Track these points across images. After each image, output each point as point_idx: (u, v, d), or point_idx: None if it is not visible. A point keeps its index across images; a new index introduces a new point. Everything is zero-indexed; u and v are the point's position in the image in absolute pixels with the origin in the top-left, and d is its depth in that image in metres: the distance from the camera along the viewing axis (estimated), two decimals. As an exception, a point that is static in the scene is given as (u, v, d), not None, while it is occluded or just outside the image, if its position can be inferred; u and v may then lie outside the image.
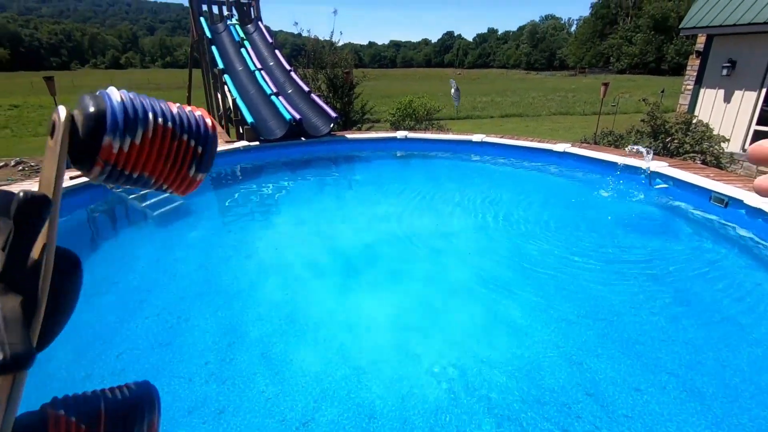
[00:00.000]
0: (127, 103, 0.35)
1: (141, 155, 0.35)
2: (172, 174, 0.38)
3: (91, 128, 0.33)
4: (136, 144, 0.35)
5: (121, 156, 0.35)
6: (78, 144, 0.33)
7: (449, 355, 2.76)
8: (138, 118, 0.35)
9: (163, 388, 2.46)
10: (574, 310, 3.20)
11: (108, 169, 0.35)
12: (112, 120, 0.33)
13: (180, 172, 0.39)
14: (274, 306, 3.31)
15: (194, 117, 0.39)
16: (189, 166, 0.39)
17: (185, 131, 0.38)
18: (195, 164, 0.39)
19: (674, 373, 2.54)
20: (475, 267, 3.97)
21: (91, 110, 0.33)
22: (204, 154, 0.39)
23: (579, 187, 6.29)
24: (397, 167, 7.96)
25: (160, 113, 0.36)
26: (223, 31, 10.39)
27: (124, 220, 5.14)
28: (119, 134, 0.34)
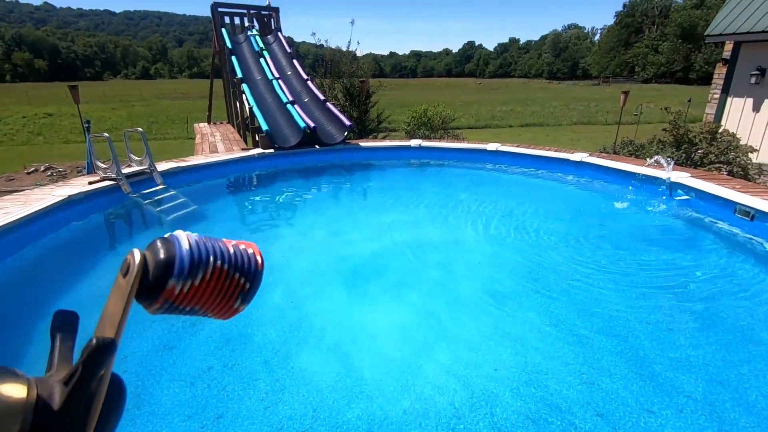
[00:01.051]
0: (194, 250, 0.37)
1: (197, 294, 0.38)
2: (219, 306, 0.41)
3: (161, 274, 0.36)
4: (195, 285, 0.38)
5: (181, 296, 0.37)
6: (146, 285, 0.36)
7: (454, 368, 2.69)
8: (201, 263, 0.37)
9: (164, 391, 2.48)
10: (586, 325, 3.08)
11: (167, 306, 0.38)
12: (180, 267, 0.36)
13: (227, 305, 0.41)
14: (279, 313, 3.30)
15: (247, 256, 0.42)
16: (235, 300, 0.42)
17: (238, 270, 0.41)
18: (241, 298, 0.42)
19: (692, 395, 2.40)
20: (484, 278, 3.88)
21: (162, 257, 0.36)
22: (250, 290, 0.42)
23: (596, 198, 6.12)
24: (410, 176, 7.93)
25: (219, 256, 0.39)
26: (244, 42, 10.64)
27: (140, 224, 5.25)
28: (183, 279, 0.36)
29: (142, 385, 2.53)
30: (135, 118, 23.51)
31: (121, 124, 20.37)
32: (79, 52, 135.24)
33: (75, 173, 9.92)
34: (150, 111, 27.90)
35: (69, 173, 10.10)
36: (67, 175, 9.95)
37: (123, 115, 25.53)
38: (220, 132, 12.11)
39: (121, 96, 42.13)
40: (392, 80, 67.17)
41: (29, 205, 4.16)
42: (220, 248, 0.40)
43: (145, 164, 5.54)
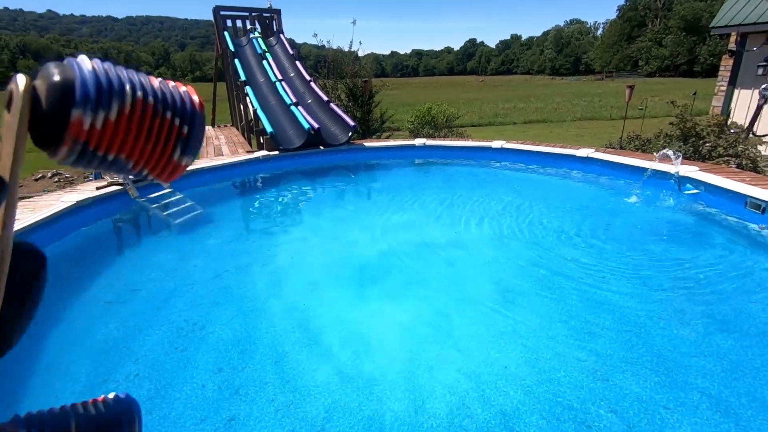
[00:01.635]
0: (100, 73, 0.29)
1: (117, 134, 0.30)
2: (154, 157, 0.33)
3: (57, 101, 0.28)
4: (111, 120, 0.29)
5: (94, 134, 0.29)
6: (41, 119, 0.28)
7: (464, 367, 2.67)
8: (113, 90, 0.29)
9: (176, 395, 2.48)
10: (597, 321, 3.06)
11: (78, 148, 0.29)
12: (83, 91, 0.28)
13: (163, 155, 0.33)
14: (288, 315, 3.30)
15: (179, 93, 0.34)
16: (173, 149, 0.34)
17: (168, 108, 0.32)
18: (180, 146, 0.34)
19: (707, 391, 2.37)
20: (492, 276, 3.87)
21: (56, 79, 0.28)
22: (190, 135, 0.34)
23: (603, 194, 6.08)
24: (415, 175, 7.91)
25: (139, 86, 0.31)
26: (246, 45, 10.66)
27: (147, 229, 5.28)
28: (91, 108, 0.28)
29: (154, 388, 2.53)
30: (139, 123, 23.71)
31: (125, 129, 20.51)
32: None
33: (82, 179, 9.99)
34: (154, 115, 28.09)
35: (76, 179, 10.17)
36: (74, 180, 10.02)
37: (127, 120, 25.73)
38: (224, 135, 12.15)
39: (125, 101, 42.38)
40: (394, 79, 67.17)
41: (38, 211, 4.20)
42: (140, 80, 0.31)
43: (152, 168, 5.55)
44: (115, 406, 0.37)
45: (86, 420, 0.34)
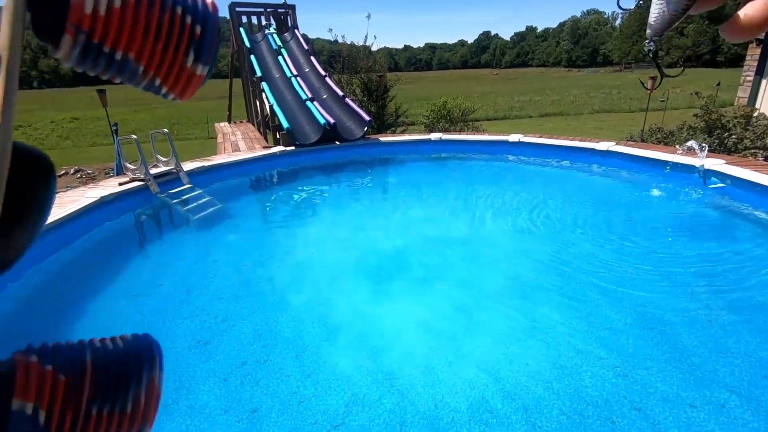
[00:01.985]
0: None
1: (123, 23, 0.28)
2: (166, 60, 0.30)
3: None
4: (116, 7, 0.27)
5: (98, 21, 0.27)
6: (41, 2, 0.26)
7: (484, 362, 2.67)
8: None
9: (201, 387, 2.54)
10: (619, 318, 3.01)
11: (81, 38, 0.27)
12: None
13: (175, 58, 0.31)
14: (308, 308, 3.33)
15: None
16: (186, 51, 0.31)
17: (179, 2, 0.30)
18: (193, 49, 0.31)
19: (735, 389, 2.32)
20: (511, 271, 3.84)
21: None
22: (203, 37, 0.31)
23: (624, 188, 5.96)
24: (432, 169, 7.88)
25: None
26: (262, 40, 10.72)
27: (167, 224, 5.38)
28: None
29: (179, 380, 2.59)
30: (158, 120, 24.05)
31: (144, 126, 20.86)
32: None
33: (103, 175, 10.22)
34: (171, 113, 28.50)
35: (97, 175, 10.41)
36: (95, 177, 10.25)
37: (146, 117, 26.16)
38: (240, 131, 12.27)
39: (142, 99, 43.10)
40: (407, 74, 66.75)
41: (64, 207, 4.31)
42: None
43: (172, 164, 5.66)
44: (134, 342, 0.34)
45: (103, 353, 0.32)
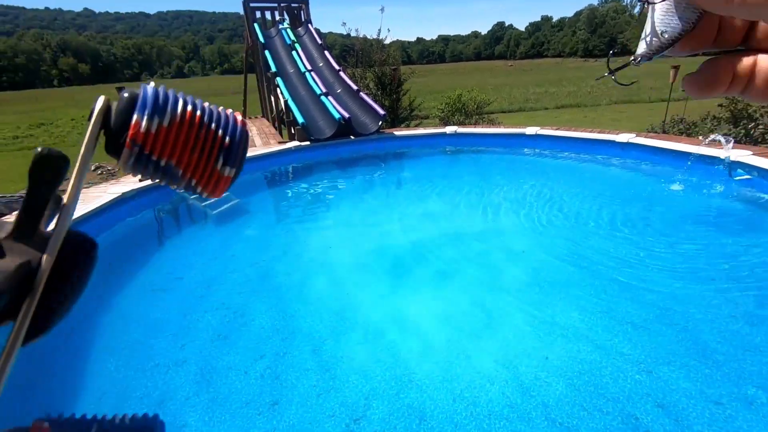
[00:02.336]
0: (160, 91, 0.36)
1: (168, 139, 0.36)
2: (200, 165, 0.38)
3: (123, 109, 0.35)
4: (164, 127, 0.36)
5: (149, 138, 0.35)
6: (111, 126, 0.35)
7: (502, 357, 2.65)
8: (167, 103, 0.36)
9: (222, 380, 2.58)
10: (640, 313, 2.96)
11: (136, 150, 0.35)
12: (143, 101, 0.35)
13: (208, 163, 0.38)
14: (325, 303, 3.36)
15: (224, 113, 0.40)
16: (216, 158, 0.39)
17: (213, 121, 0.38)
18: (223, 156, 0.39)
19: (763, 386, 2.27)
20: (529, 266, 3.80)
21: (126, 95, 0.35)
22: (231, 146, 0.39)
23: (646, 181, 5.83)
24: (447, 163, 7.82)
25: (190, 102, 0.37)
26: (276, 36, 10.75)
27: (187, 218, 5.47)
28: (148, 114, 0.35)
29: (200, 373, 2.64)
30: (173, 116, 24.43)
31: (161, 123, 21.19)
32: (118, 54, 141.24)
33: (123, 171, 10.42)
34: (187, 109, 28.83)
35: (117, 171, 10.62)
36: (115, 173, 10.46)
37: (162, 113, 26.54)
38: (255, 126, 12.36)
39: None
40: (420, 66, 66.20)
41: (88, 202, 4.41)
42: (193, 99, 0.39)
43: (189, 160, 5.73)
44: (142, 421, 0.39)
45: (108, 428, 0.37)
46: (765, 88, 0.29)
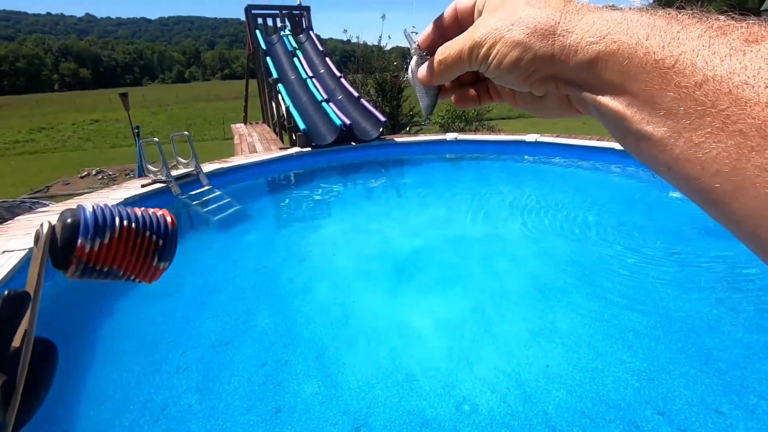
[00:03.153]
0: (98, 212, 0.41)
1: (109, 253, 0.41)
2: (138, 266, 0.44)
3: (68, 235, 0.40)
4: (105, 243, 0.41)
5: (92, 255, 0.40)
6: (57, 249, 0.40)
7: (504, 364, 2.66)
8: (106, 223, 0.41)
9: (224, 386, 2.59)
10: (642, 320, 2.97)
11: (81, 266, 0.40)
12: (84, 226, 0.40)
13: (144, 263, 0.44)
14: (327, 309, 3.37)
15: (156, 217, 0.45)
16: (152, 257, 0.44)
17: (147, 228, 0.44)
18: (157, 255, 0.44)
19: (765, 395, 2.27)
20: (530, 272, 3.81)
21: (69, 221, 0.40)
22: (164, 246, 0.45)
23: (646, 188, 5.86)
24: (448, 170, 7.86)
25: (125, 217, 0.42)
26: (277, 42, 10.82)
27: (188, 225, 5.48)
28: (90, 237, 0.40)
29: (202, 380, 2.65)
30: (174, 121, 24.47)
31: (161, 128, 21.25)
32: (119, 59, 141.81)
33: (124, 176, 10.45)
34: (187, 114, 28.95)
35: (118, 176, 10.64)
36: (116, 178, 10.49)
37: (163, 118, 26.61)
38: (257, 132, 12.41)
39: (159, 100, 43.91)
40: (420, 73, 66.19)
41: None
42: (127, 212, 0.43)
43: (192, 166, 5.76)
44: None
45: None
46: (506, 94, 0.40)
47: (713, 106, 0.23)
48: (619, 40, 0.26)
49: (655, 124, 0.25)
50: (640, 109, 0.26)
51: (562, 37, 0.29)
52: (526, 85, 0.32)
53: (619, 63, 0.26)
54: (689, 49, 0.24)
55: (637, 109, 0.26)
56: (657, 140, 0.26)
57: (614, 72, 0.27)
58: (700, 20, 0.25)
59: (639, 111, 0.26)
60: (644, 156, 0.28)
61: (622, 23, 0.27)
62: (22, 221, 4.23)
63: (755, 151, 0.21)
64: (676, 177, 0.26)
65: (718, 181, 0.23)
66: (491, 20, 0.32)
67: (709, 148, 0.23)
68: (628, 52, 0.26)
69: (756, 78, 0.22)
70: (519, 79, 0.32)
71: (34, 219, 4.28)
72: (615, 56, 0.26)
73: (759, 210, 0.22)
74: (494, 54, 0.32)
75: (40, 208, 4.96)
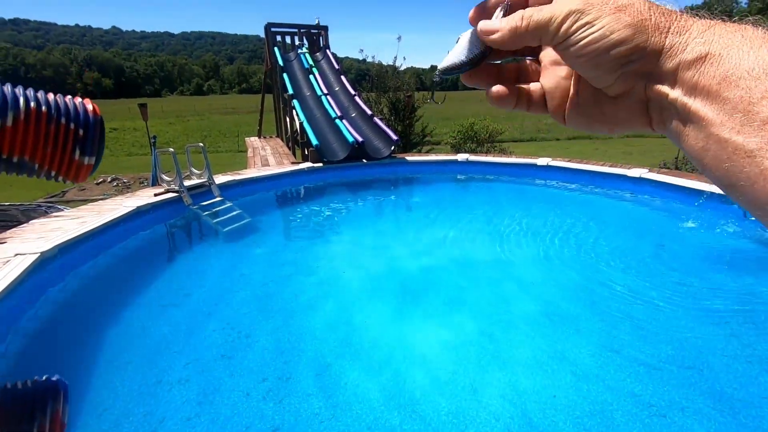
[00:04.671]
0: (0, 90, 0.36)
1: (15, 138, 0.36)
2: (56, 158, 0.38)
3: None
4: (9, 126, 0.35)
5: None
6: None
7: (510, 392, 2.59)
8: (6, 103, 0.36)
9: (223, 401, 2.55)
10: (653, 354, 2.89)
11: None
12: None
13: (64, 155, 0.39)
14: (331, 327, 3.33)
15: (73, 103, 0.40)
16: (73, 149, 0.39)
17: (62, 115, 0.38)
18: (79, 147, 0.39)
19: (781, 438, 2.18)
20: (538, 299, 3.75)
21: None
22: (86, 137, 0.40)
23: (658, 217, 5.78)
24: (458, 191, 7.85)
25: (32, 98, 0.37)
26: (294, 59, 11.06)
27: (198, 235, 5.52)
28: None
29: (203, 393, 2.62)
30: (190, 132, 24.94)
31: (177, 138, 21.67)
32: (140, 71, 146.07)
33: (138, 184, 10.62)
34: (203, 125, 29.52)
35: (132, 184, 10.83)
36: (130, 185, 10.67)
37: (179, 129, 27.15)
38: (270, 146, 12.58)
39: (177, 111, 44.89)
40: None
41: (103, 214, 4.49)
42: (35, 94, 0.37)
43: (204, 177, 5.84)
44: (42, 382, 0.40)
45: (11, 394, 0.38)
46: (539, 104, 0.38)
47: None
48: (728, 45, 0.26)
49: (747, 134, 0.25)
50: (732, 116, 0.26)
51: (676, 34, 0.28)
52: (615, 75, 0.30)
53: (723, 67, 0.26)
54: None
55: (729, 116, 0.26)
56: (747, 150, 0.25)
57: (715, 76, 0.26)
58: None
59: (730, 118, 0.26)
60: (723, 169, 0.27)
61: (735, 32, 0.27)
62: (36, 225, 4.30)
63: None
64: (759, 192, 0.25)
65: None
66: None
67: None
68: (736, 59, 0.26)
69: None
70: (612, 66, 0.30)
71: (48, 223, 4.35)
72: (721, 60, 0.26)
73: None
74: (597, 28, 0.29)
75: (54, 212, 5.04)
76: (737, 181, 0.26)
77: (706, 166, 0.28)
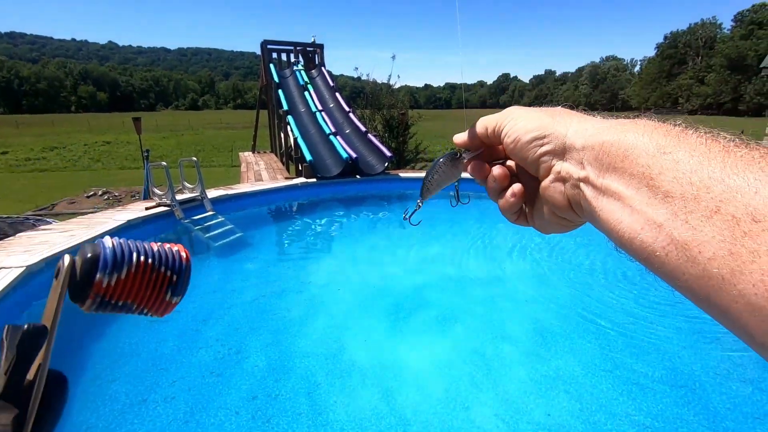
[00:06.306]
0: (117, 248, 0.42)
1: (125, 287, 0.42)
2: (151, 300, 0.45)
3: (87, 270, 0.40)
4: (122, 279, 0.42)
5: (109, 289, 0.41)
6: (76, 283, 0.41)
7: (502, 411, 2.56)
8: (124, 259, 0.42)
9: (211, 420, 2.49)
10: (646, 372, 2.88)
11: (98, 300, 0.41)
12: (104, 262, 0.41)
13: (158, 297, 0.45)
14: (322, 344, 3.29)
15: (172, 252, 0.47)
16: (166, 292, 0.45)
17: (163, 264, 0.45)
18: (171, 290, 0.45)
19: (775, 459, 2.17)
20: (531, 316, 3.74)
21: (88, 256, 0.41)
22: (178, 281, 0.46)
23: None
24: (451, 207, 7.88)
25: (143, 252, 0.44)
26: (290, 76, 11.18)
27: (189, 249, 5.43)
28: (108, 272, 0.41)
29: (190, 411, 2.55)
30: (183, 147, 24.89)
31: (170, 152, 21.61)
32: (136, 85, 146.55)
33: (129, 197, 10.53)
34: (197, 140, 29.51)
35: (123, 197, 10.73)
36: (122, 199, 10.57)
37: (172, 143, 27.10)
38: (264, 161, 12.60)
39: (171, 126, 44.91)
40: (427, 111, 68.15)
41: (92, 228, 4.43)
42: (144, 247, 0.44)
43: (197, 191, 5.81)
44: None
45: None
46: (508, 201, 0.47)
47: (708, 191, 0.25)
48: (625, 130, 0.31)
49: (654, 206, 0.27)
50: (639, 189, 0.28)
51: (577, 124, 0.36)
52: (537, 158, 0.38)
53: (623, 146, 0.30)
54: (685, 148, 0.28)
55: (636, 190, 0.29)
56: (656, 224, 0.27)
57: (617, 156, 0.30)
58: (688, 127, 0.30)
59: (637, 191, 0.29)
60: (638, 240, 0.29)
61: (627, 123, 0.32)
62: (23, 238, 4.23)
63: (748, 236, 0.22)
64: (673, 261, 0.26)
65: (716, 265, 0.24)
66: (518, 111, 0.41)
67: (704, 231, 0.24)
68: (633, 140, 0.30)
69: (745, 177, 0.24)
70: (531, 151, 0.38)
71: (35, 236, 4.28)
72: (620, 142, 0.31)
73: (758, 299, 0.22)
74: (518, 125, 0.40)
75: (43, 225, 4.96)
76: (654, 255, 0.28)
77: (622, 237, 0.31)
